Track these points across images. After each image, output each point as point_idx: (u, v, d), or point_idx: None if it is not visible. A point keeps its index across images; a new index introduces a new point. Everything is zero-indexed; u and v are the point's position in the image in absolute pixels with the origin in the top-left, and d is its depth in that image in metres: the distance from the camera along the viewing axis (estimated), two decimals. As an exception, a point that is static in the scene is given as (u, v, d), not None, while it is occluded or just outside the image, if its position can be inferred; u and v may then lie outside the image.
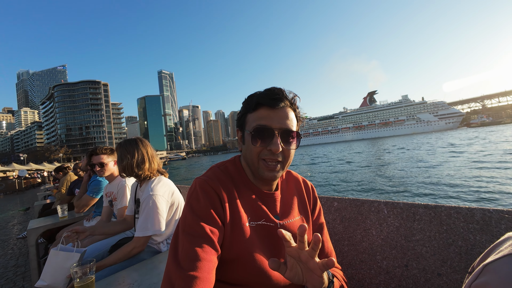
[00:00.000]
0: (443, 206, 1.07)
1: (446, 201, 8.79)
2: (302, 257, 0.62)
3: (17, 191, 18.01)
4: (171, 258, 0.66)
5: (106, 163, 2.28)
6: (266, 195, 0.84)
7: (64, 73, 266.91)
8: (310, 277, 0.65)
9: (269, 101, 0.76)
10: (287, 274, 0.64)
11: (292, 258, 0.64)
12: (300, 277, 0.65)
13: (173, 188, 1.69)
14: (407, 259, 1.08)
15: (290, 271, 0.64)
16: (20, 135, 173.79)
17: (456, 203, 8.34)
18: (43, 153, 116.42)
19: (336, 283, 0.74)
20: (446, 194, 9.57)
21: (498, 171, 12.62)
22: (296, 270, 0.65)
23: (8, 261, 3.73)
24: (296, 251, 0.62)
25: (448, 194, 9.53)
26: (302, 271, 0.65)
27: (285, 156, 0.78)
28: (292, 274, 0.64)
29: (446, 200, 8.97)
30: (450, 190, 10.16)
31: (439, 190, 10.32)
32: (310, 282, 0.65)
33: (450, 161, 17.64)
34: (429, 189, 10.64)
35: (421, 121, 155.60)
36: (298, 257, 0.63)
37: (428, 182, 12.04)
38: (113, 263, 1.43)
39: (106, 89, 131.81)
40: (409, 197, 9.88)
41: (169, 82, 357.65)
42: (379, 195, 10.76)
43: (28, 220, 6.82)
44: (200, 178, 0.79)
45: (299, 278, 0.65)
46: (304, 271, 0.65)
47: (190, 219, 0.71)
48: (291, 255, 0.64)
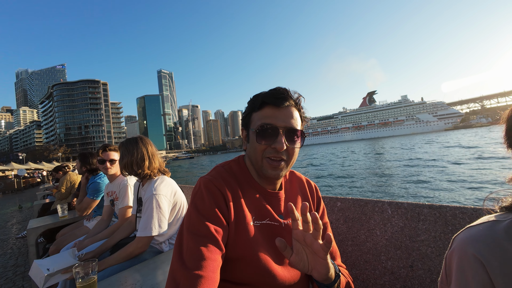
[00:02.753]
0: (448, 207, 1.06)
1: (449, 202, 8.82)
2: (307, 239, 0.64)
3: (15, 190, 17.96)
4: (176, 257, 0.66)
5: (116, 160, 2.28)
6: (271, 194, 0.84)
7: (63, 72, 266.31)
8: (315, 263, 0.65)
9: (274, 100, 0.76)
10: (293, 258, 0.66)
11: (298, 243, 0.66)
12: (305, 264, 0.66)
13: (175, 188, 1.68)
14: (412, 259, 1.08)
15: (296, 256, 0.66)
16: (19, 134, 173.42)
17: (461, 203, 8.35)
18: (42, 153, 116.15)
19: (343, 279, 0.75)
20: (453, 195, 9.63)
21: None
22: (302, 255, 0.66)
23: (8, 261, 3.72)
24: (302, 234, 0.64)
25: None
26: (308, 258, 0.66)
27: (289, 154, 0.78)
28: (298, 259, 0.66)
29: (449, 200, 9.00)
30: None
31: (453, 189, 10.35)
32: (315, 269, 0.66)
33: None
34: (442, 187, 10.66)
35: (420, 121, 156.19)
36: (303, 240, 0.64)
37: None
38: (115, 263, 1.42)
39: (105, 88, 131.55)
40: (414, 197, 9.93)
41: (168, 82, 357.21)
42: (383, 195, 10.79)
43: (27, 220, 6.80)
44: (204, 178, 0.78)
45: (304, 265, 0.66)
46: (310, 258, 0.66)
47: (195, 219, 0.70)
48: (296, 238, 0.65)
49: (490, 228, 0.44)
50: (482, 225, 0.45)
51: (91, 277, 1.10)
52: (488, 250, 0.41)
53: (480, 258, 0.41)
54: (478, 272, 0.41)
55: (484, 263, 0.40)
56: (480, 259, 0.41)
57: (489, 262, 0.40)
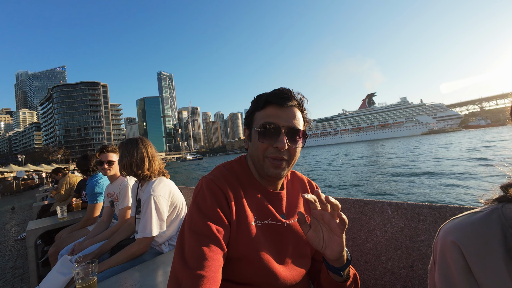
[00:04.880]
0: (448, 207, 1.06)
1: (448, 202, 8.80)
2: (325, 217, 0.68)
3: (14, 192, 17.89)
4: (177, 257, 0.66)
5: (114, 161, 2.27)
6: (272, 194, 0.84)
7: (63, 74, 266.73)
8: (330, 241, 0.69)
9: (278, 100, 0.76)
10: (310, 233, 0.70)
11: (315, 220, 0.70)
12: (320, 240, 0.70)
13: (174, 189, 1.68)
14: (412, 259, 1.08)
15: (313, 231, 0.70)
16: (18, 136, 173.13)
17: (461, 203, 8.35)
18: (41, 154, 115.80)
19: (351, 270, 0.78)
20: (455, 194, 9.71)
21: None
22: (318, 232, 0.70)
23: (6, 263, 3.70)
24: (320, 213, 0.67)
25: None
26: (324, 236, 0.70)
27: (290, 154, 0.78)
28: (315, 235, 0.70)
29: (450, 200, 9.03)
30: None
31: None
32: (329, 246, 0.69)
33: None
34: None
35: (420, 123, 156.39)
36: (321, 217, 0.68)
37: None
38: (115, 264, 1.41)
39: (105, 90, 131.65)
40: (414, 197, 9.99)
41: (168, 84, 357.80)
42: (383, 196, 10.82)
43: (26, 222, 6.77)
44: (206, 177, 0.79)
45: (320, 241, 0.70)
46: (325, 235, 0.70)
47: (197, 218, 0.70)
48: (315, 216, 0.69)
49: (468, 217, 0.49)
50: (463, 216, 0.50)
51: (91, 278, 1.10)
52: (465, 236, 0.46)
53: (458, 244, 0.45)
54: (456, 257, 0.45)
55: (462, 248, 0.45)
56: (458, 245, 0.45)
57: (466, 247, 0.45)
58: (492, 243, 0.43)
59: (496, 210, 0.46)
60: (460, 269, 0.45)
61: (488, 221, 0.45)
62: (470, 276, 0.44)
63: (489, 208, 0.48)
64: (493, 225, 0.45)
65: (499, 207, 0.46)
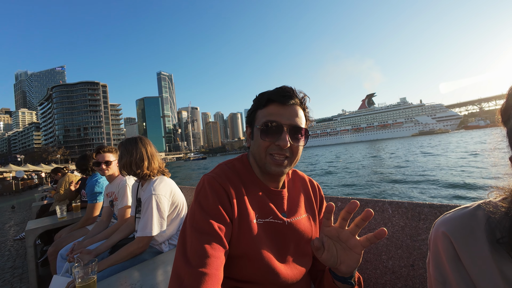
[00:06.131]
0: (448, 206, 1.06)
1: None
2: (342, 236, 0.63)
3: (13, 192, 17.87)
4: (179, 255, 0.66)
5: (111, 161, 2.26)
6: (274, 192, 0.84)
7: (63, 74, 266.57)
8: (347, 257, 0.65)
9: (280, 98, 0.76)
10: (325, 255, 0.65)
11: (329, 239, 0.65)
12: (335, 259, 0.66)
13: (174, 188, 1.68)
14: (413, 258, 1.08)
15: (327, 252, 0.65)
16: (18, 136, 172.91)
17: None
18: (41, 154, 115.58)
19: (356, 273, 0.75)
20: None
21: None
22: (332, 251, 0.66)
23: (5, 263, 3.69)
24: (336, 230, 0.64)
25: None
26: (338, 253, 0.66)
27: (293, 152, 0.78)
28: (329, 255, 0.65)
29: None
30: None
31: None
32: (345, 262, 0.66)
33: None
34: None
35: (419, 123, 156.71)
36: (337, 236, 0.64)
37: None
38: (114, 263, 1.41)
39: (104, 90, 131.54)
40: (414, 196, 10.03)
41: (168, 84, 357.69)
42: (384, 195, 10.85)
43: (25, 221, 6.75)
44: (208, 175, 0.79)
45: (334, 260, 0.66)
46: (340, 253, 0.66)
47: (199, 216, 0.70)
48: (329, 235, 0.65)
49: (458, 211, 0.53)
50: (454, 211, 0.54)
51: (91, 277, 1.10)
52: (454, 227, 0.50)
53: (448, 234, 0.50)
54: (447, 247, 0.49)
55: (451, 238, 0.49)
56: (448, 235, 0.50)
57: (455, 237, 0.49)
58: (478, 232, 0.47)
59: (484, 204, 0.50)
60: (450, 257, 0.49)
61: (475, 214, 0.50)
62: (459, 264, 0.48)
63: (478, 203, 0.52)
64: (479, 216, 0.49)
65: (486, 202, 0.51)
